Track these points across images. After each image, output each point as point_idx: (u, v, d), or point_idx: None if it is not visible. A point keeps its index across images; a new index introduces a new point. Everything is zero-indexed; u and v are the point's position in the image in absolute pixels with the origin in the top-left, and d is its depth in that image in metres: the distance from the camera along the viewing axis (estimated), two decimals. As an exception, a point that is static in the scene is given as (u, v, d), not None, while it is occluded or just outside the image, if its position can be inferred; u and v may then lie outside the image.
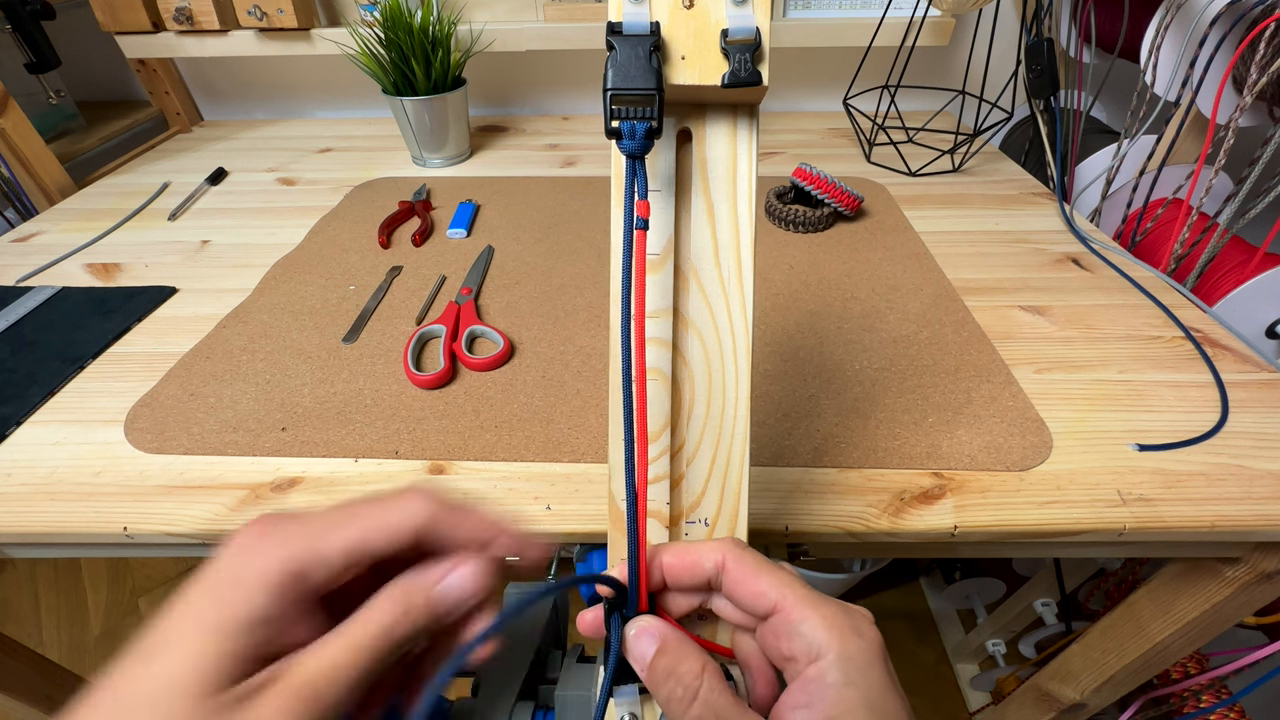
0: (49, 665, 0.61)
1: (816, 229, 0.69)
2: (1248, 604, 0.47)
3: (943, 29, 0.88)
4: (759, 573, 0.22)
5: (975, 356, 0.51)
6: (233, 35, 0.91)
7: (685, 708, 0.20)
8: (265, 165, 0.89)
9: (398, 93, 0.80)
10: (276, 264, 0.65)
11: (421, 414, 0.47)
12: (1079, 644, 0.62)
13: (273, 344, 0.54)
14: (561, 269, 0.64)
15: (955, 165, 0.83)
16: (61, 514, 0.40)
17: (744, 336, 0.26)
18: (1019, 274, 0.61)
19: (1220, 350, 0.51)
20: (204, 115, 1.10)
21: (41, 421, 0.47)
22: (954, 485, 0.40)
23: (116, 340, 0.55)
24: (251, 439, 0.45)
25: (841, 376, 0.49)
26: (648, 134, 0.23)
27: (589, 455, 0.43)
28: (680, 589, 0.24)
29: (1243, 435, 0.43)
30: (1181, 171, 0.66)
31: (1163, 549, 0.45)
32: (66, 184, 0.83)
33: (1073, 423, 0.45)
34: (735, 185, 0.25)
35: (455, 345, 0.52)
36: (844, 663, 0.20)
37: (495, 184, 0.82)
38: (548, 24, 0.91)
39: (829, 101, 1.04)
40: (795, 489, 0.40)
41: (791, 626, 0.21)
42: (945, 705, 1.08)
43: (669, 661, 0.21)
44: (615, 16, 0.23)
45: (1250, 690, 0.58)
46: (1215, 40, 0.59)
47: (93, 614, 1.25)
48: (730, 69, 0.23)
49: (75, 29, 0.94)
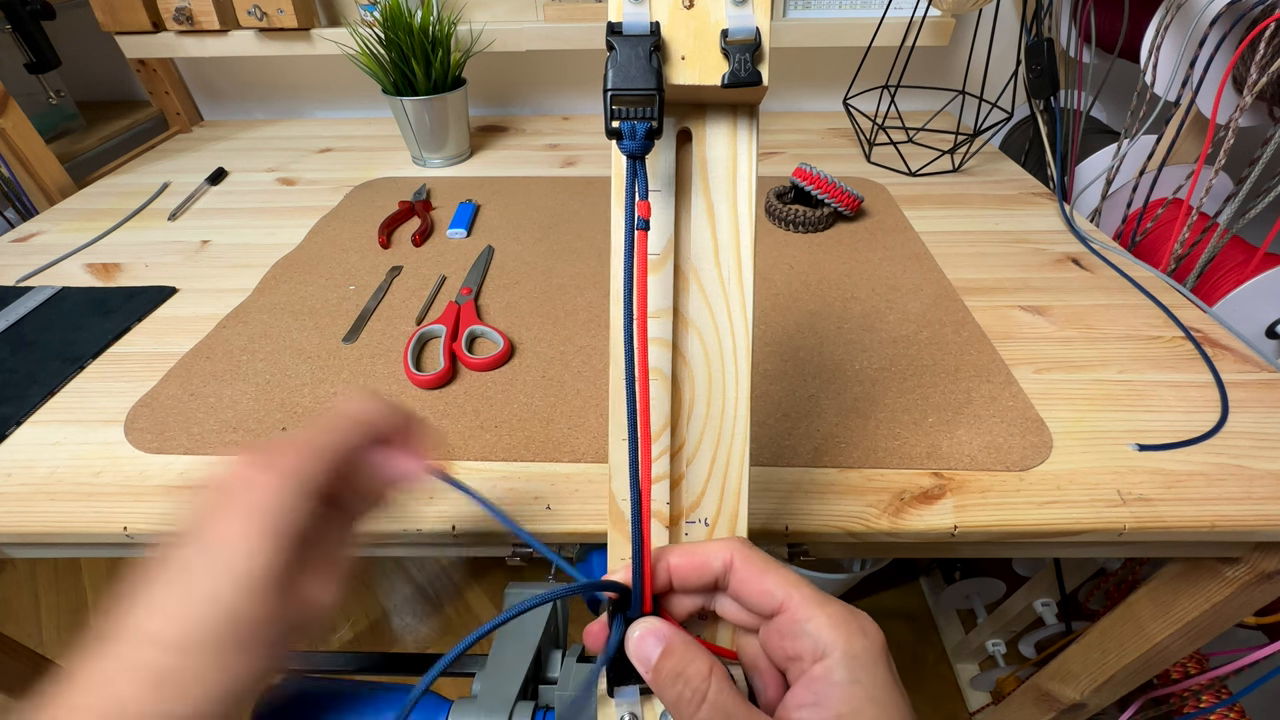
0: (49, 665, 0.61)
1: (816, 229, 0.69)
2: (1248, 604, 0.47)
3: (943, 29, 0.88)
4: (766, 571, 0.23)
5: (975, 356, 0.51)
6: (233, 35, 0.91)
7: (694, 709, 0.20)
8: (265, 165, 0.89)
9: (398, 93, 0.80)
10: (276, 264, 0.65)
11: (421, 414, 0.47)
12: (1079, 644, 0.62)
13: (273, 344, 0.54)
14: (561, 269, 0.64)
15: (955, 165, 0.83)
16: (61, 514, 0.40)
17: (744, 336, 0.26)
18: (1019, 274, 0.61)
19: (1220, 350, 0.51)
20: (204, 115, 1.10)
21: (41, 421, 0.47)
22: (954, 485, 0.40)
23: (116, 340, 0.55)
24: (251, 439, 0.45)
25: (841, 376, 0.49)
26: (648, 134, 0.23)
27: (589, 455, 0.43)
28: (687, 590, 0.24)
29: (1243, 435, 0.43)
30: (1181, 171, 0.66)
31: (1163, 549, 0.45)
32: (66, 184, 0.83)
33: (1073, 423, 0.45)
34: (735, 185, 0.25)
35: (455, 345, 0.52)
36: (849, 661, 0.20)
37: (495, 184, 0.82)
38: (548, 24, 0.91)
39: (829, 101, 1.04)
40: (795, 489, 0.40)
41: (797, 625, 0.21)
42: (945, 705, 1.08)
43: (676, 663, 0.21)
44: (615, 16, 0.23)
45: (1250, 690, 0.58)
46: (1215, 40, 0.59)
47: (93, 614, 1.25)
48: (730, 69, 0.23)
49: (75, 29, 0.93)
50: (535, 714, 0.35)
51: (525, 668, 0.36)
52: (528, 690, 0.36)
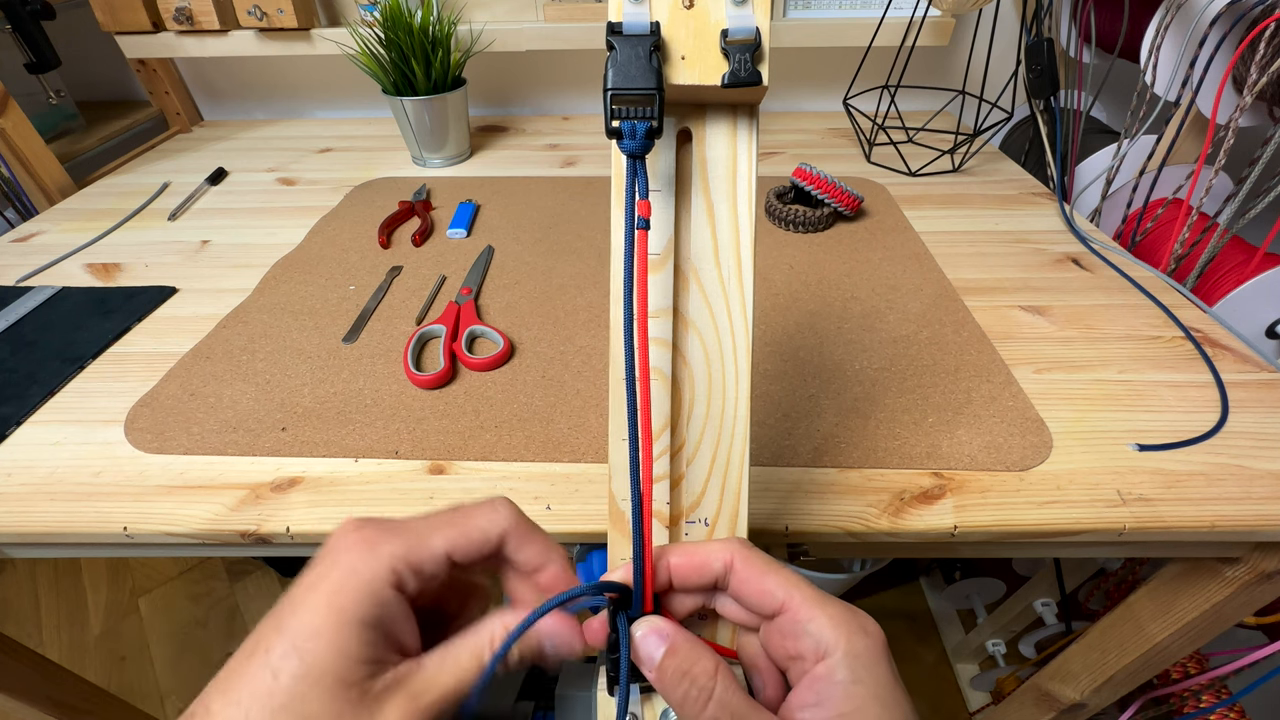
0: (49, 665, 0.61)
1: (816, 229, 0.69)
2: (1248, 604, 0.47)
3: (943, 29, 0.88)
4: (767, 572, 0.22)
5: (975, 356, 0.51)
6: (233, 35, 0.91)
7: (700, 708, 0.20)
8: (265, 165, 0.89)
9: (398, 93, 0.80)
10: (276, 264, 0.65)
11: (421, 414, 0.47)
12: (1079, 644, 0.62)
13: (273, 344, 0.54)
14: (561, 269, 0.64)
15: (955, 165, 0.83)
16: (61, 514, 0.40)
17: (744, 336, 0.26)
18: (1019, 274, 0.61)
19: (1220, 350, 0.51)
20: (204, 115, 1.10)
21: (41, 421, 0.47)
22: (954, 485, 0.40)
23: (116, 340, 0.55)
24: (251, 439, 0.45)
25: (841, 376, 0.49)
26: (648, 134, 0.23)
27: (589, 455, 0.43)
28: (687, 589, 0.24)
29: (1243, 435, 0.43)
30: (1181, 171, 0.66)
31: (1163, 549, 0.45)
32: (66, 184, 0.83)
33: (1073, 423, 0.45)
34: (735, 185, 0.25)
35: (455, 345, 0.52)
36: (851, 660, 0.20)
37: (495, 184, 0.82)
38: (548, 24, 0.91)
39: (829, 101, 1.04)
40: (795, 489, 0.40)
41: (799, 625, 0.21)
42: (945, 705, 1.08)
43: (681, 662, 0.21)
44: (615, 16, 0.23)
45: (1250, 690, 0.58)
46: (1215, 40, 0.59)
47: (93, 614, 1.25)
48: (730, 69, 0.23)
49: (75, 29, 0.93)
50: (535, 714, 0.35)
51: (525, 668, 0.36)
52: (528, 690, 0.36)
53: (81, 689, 0.63)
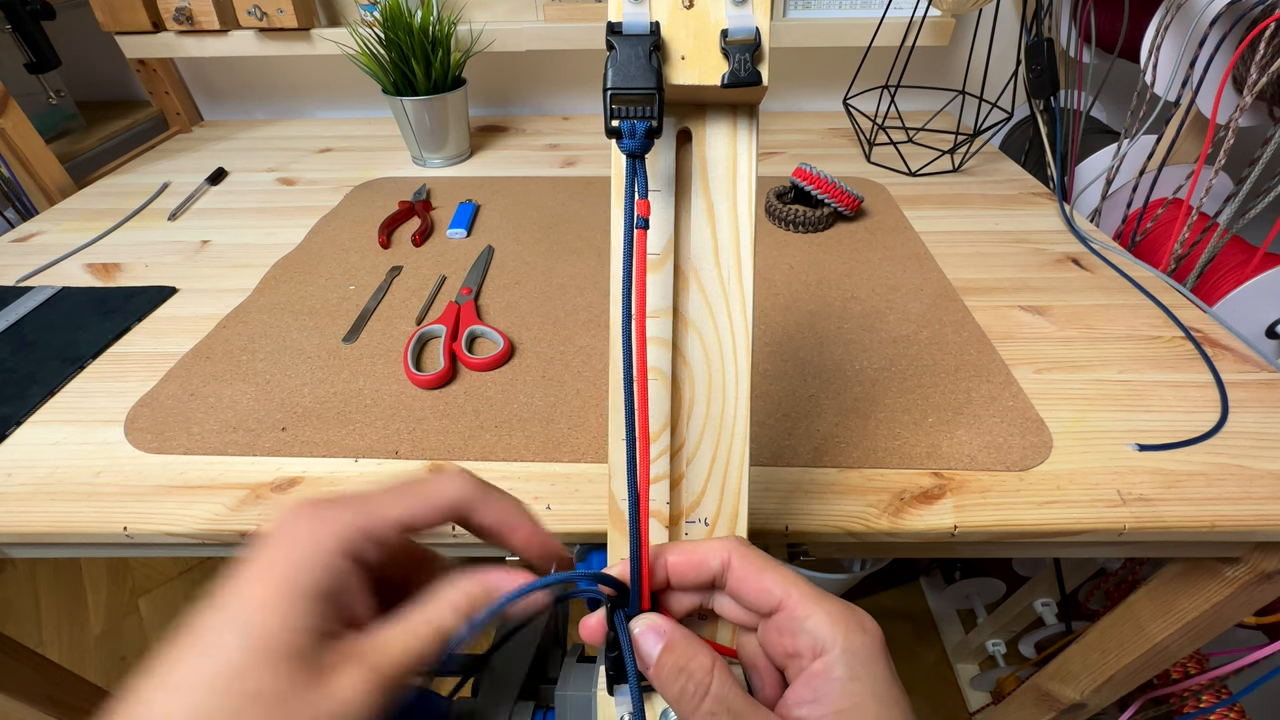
0: (49, 665, 0.61)
1: (816, 229, 0.69)
2: (1248, 604, 0.47)
3: (943, 29, 0.88)
4: (764, 570, 0.23)
5: (975, 356, 0.51)
6: (233, 35, 0.91)
7: (697, 704, 0.20)
8: (265, 165, 0.89)
9: (398, 93, 0.80)
10: (276, 264, 0.65)
11: (421, 414, 0.47)
12: (1079, 644, 0.62)
13: (273, 344, 0.54)
14: (561, 269, 0.64)
15: (955, 165, 0.83)
16: (61, 514, 0.40)
17: (744, 336, 0.26)
18: (1019, 274, 0.61)
19: (1220, 350, 0.51)
20: (204, 115, 1.10)
21: (41, 421, 0.47)
22: (954, 485, 0.40)
23: (116, 340, 0.55)
24: (251, 439, 0.45)
25: (841, 376, 0.49)
26: (648, 133, 0.23)
27: (589, 455, 0.43)
28: (684, 588, 0.24)
29: (1243, 435, 0.43)
30: (1181, 171, 0.66)
31: (1163, 549, 0.45)
32: (66, 184, 0.83)
33: (1072, 423, 0.45)
34: (735, 185, 0.25)
35: (455, 345, 0.52)
36: (849, 657, 0.20)
37: (495, 184, 0.82)
38: (548, 24, 0.91)
39: (829, 101, 1.04)
40: (795, 489, 0.40)
41: (796, 623, 0.21)
42: (945, 705, 1.08)
43: (678, 658, 0.21)
44: (615, 16, 0.23)
45: (1250, 690, 0.58)
46: (1215, 40, 0.59)
47: (93, 614, 1.25)
48: (730, 69, 0.23)
49: (75, 29, 0.94)
50: (535, 714, 0.34)
51: (525, 668, 0.36)
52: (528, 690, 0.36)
53: (81, 689, 0.63)
